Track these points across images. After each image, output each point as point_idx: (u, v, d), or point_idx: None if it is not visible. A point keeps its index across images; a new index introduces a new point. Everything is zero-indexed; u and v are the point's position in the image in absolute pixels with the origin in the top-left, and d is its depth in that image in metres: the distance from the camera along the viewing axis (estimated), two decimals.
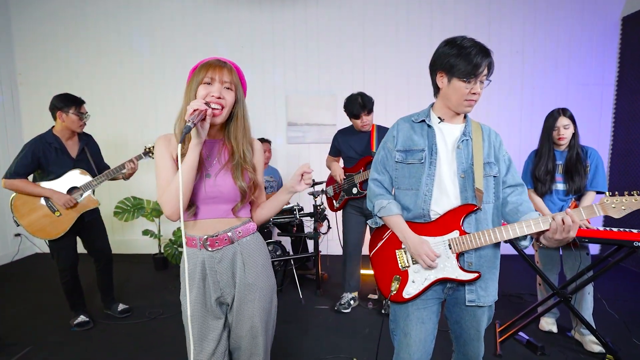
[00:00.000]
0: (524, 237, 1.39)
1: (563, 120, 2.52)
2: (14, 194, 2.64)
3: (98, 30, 4.69)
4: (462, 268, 1.43)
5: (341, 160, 3.31)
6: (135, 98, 4.75)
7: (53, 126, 2.75)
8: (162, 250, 4.24)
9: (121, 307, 3.07)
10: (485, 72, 1.38)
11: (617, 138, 4.51)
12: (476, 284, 1.45)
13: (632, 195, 1.33)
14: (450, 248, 1.43)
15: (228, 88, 1.32)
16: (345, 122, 3.40)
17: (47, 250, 4.78)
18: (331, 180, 3.30)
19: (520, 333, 2.60)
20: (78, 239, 2.87)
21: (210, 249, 1.35)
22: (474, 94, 1.39)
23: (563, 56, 4.54)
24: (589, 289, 2.50)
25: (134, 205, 4.21)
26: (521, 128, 4.56)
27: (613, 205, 1.32)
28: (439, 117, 1.50)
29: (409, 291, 1.47)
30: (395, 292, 1.48)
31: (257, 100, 4.74)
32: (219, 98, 1.29)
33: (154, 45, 4.69)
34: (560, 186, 2.57)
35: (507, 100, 4.60)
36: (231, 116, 1.37)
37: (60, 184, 2.67)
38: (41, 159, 2.63)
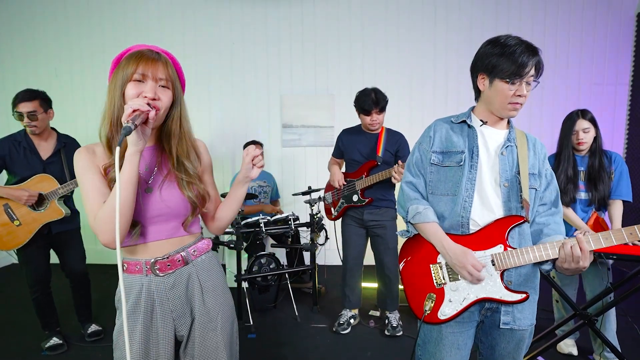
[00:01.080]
0: (545, 261, 1.29)
1: (583, 124, 2.34)
2: None
3: (82, 28, 4.50)
4: (507, 287, 1.30)
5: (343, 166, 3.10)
6: None
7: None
8: None
9: (92, 328, 2.84)
10: (533, 72, 1.28)
11: (632, 140, 4.34)
12: (513, 304, 1.31)
13: None
14: (494, 265, 1.30)
15: (164, 86, 1.12)
16: (344, 124, 3.23)
17: None
18: (330, 186, 3.10)
19: (539, 358, 2.41)
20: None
21: (160, 274, 1.16)
22: (519, 96, 1.29)
23: (574, 54, 4.39)
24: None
25: None
26: (530, 129, 4.37)
27: None
28: (481, 120, 1.41)
29: (445, 312, 1.34)
30: (429, 312, 1.35)
31: (250, 100, 4.57)
32: (154, 99, 1.08)
33: (138, 40, 4.42)
34: (582, 195, 2.39)
35: None
36: (167, 118, 1.16)
37: (24, 189, 2.46)
38: (6, 157, 2.47)
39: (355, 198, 2.86)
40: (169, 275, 1.18)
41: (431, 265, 1.39)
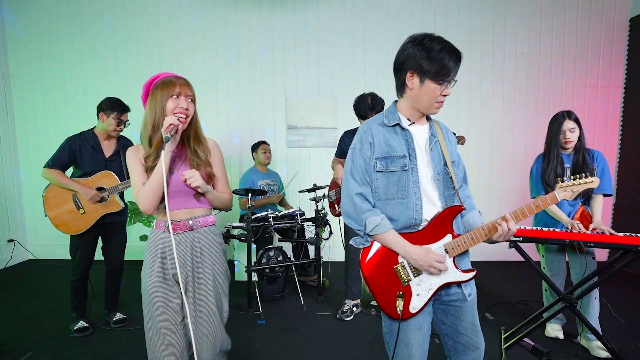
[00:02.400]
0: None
1: (569, 124, 2.62)
2: (45, 187, 2.88)
3: (93, 31, 4.80)
4: (460, 270, 1.50)
5: None
6: (130, 99, 4.76)
7: (95, 125, 2.99)
8: None
9: (117, 316, 3.15)
10: (456, 73, 1.43)
11: (626, 140, 4.61)
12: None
13: (582, 177, 1.54)
14: (447, 253, 1.48)
15: (191, 100, 1.65)
16: (346, 125, 3.51)
17: (40, 256, 4.94)
18: (334, 184, 3.38)
19: (526, 339, 2.67)
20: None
21: (172, 233, 1.61)
22: (444, 95, 1.43)
23: (569, 58, 4.67)
24: (595, 293, 2.59)
25: (132, 211, 4.31)
26: (527, 131, 4.66)
27: (565, 191, 1.49)
28: (408, 119, 1.51)
29: (415, 305, 1.48)
30: (401, 311, 1.46)
31: (256, 102, 4.86)
32: (186, 109, 1.60)
33: (149, 45, 4.80)
34: None
35: (512, 102, 4.71)
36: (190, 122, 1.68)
37: (90, 182, 2.88)
38: (76, 153, 2.87)
39: None
40: (177, 234, 1.65)
41: (395, 267, 1.48)
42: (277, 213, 3.55)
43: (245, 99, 4.88)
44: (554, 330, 2.85)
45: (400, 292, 1.47)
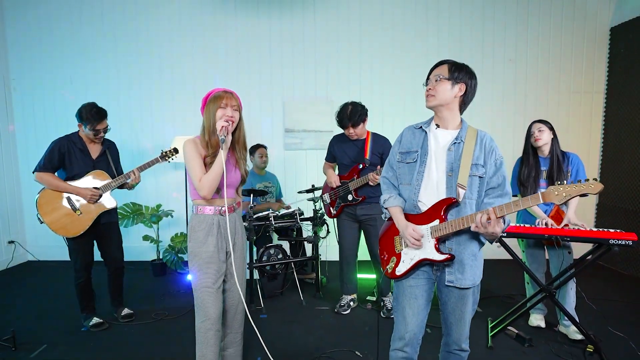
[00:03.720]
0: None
1: (537, 125, 2.99)
2: (37, 194, 2.97)
3: (93, 35, 5.01)
4: (438, 250, 1.77)
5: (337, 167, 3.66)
6: (130, 102, 5.06)
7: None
8: (161, 256, 4.57)
9: (125, 311, 3.36)
10: (436, 72, 1.83)
11: (607, 144, 4.98)
12: (454, 267, 1.80)
13: (576, 183, 1.59)
14: (432, 234, 1.79)
15: (236, 110, 2.09)
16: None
17: (41, 257, 5.15)
18: (327, 187, 3.64)
19: (510, 327, 2.99)
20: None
21: (223, 215, 2.12)
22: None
23: (554, 64, 5.03)
24: (571, 284, 2.90)
25: (134, 211, 4.52)
26: (514, 135, 4.97)
27: (556, 193, 1.60)
28: (436, 125, 1.88)
29: (400, 269, 1.88)
30: (390, 270, 1.92)
31: (254, 105, 5.09)
32: (231, 117, 2.05)
33: (149, 48, 5.02)
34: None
35: (500, 107, 5.05)
36: (235, 129, 2.13)
37: (82, 184, 3.02)
38: (65, 155, 2.99)
39: (350, 197, 3.41)
40: (228, 216, 2.13)
41: (395, 237, 1.94)
42: (277, 213, 3.82)
43: (243, 102, 4.97)
44: (537, 319, 3.17)
45: (394, 257, 1.93)
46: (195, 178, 2.05)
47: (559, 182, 1.61)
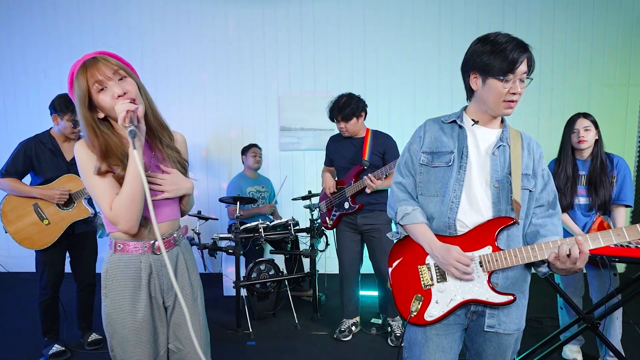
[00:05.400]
0: (542, 263, 1.38)
1: (583, 122, 2.57)
2: (2, 201, 2.74)
3: (69, 26, 4.74)
4: (494, 289, 1.40)
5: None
6: None
7: (52, 127, 2.82)
8: None
9: (93, 337, 3.04)
10: (524, 68, 1.37)
11: None
12: (498, 307, 1.43)
13: None
14: (482, 266, 1.41)
15: (121, 78, 1.32)
16: None
17: (11, 269, 4.82)
18: (324, 195, 3.30)
19: None
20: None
21: (157, 253, 1.43)
22: (514, 94, 1.38)
23: (584, 55, 4.65)
24: (617, 313, 2.51)
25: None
26: (539, 134, 4.60)
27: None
28: (472, 120, 1.51)
29: (432, 313, 1.45)
30: (415, 314, 1.46)
31: (246, 102, 4.81)
32: (125, 94, 1.30)
33: (131, 39, 4.74)
34: (582, 200, 2.59)
35: (522, 104, 4.62)
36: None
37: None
38: (33, 159, 2.72)
39: (346, 205, 3.06)
40: (167, 253, 1.38)
41: (419, 267, 1.50)
42: (268, 223, 3.47)
43: (235, 98, 4.82)
44: (572, 352, 2.78)
45: (419, 295, 1.47)
46: (104, 205, 1.32)
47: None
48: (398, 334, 3.04)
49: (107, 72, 1.29)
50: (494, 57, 1.35)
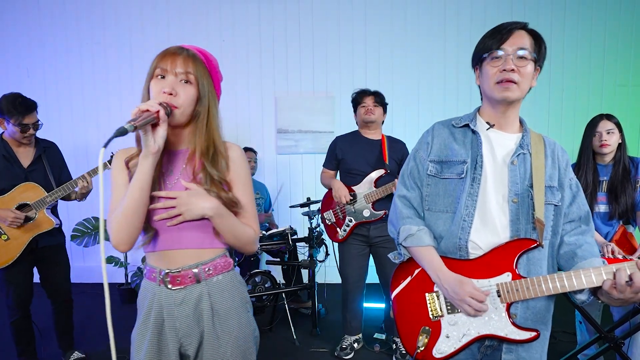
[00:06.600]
0: (581, 290, 1.20)
1: (606, 124, 2.46)
2: None
3: (53, 23, 4.63)
4: (514, 323, 1.24)
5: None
6: (97, 100, 4.68)
7: (3, 131, 2.63)
8: (130, 280, 4.14)
9: (76, 355, 2.89)
10: (520, 43, 1.24)
11: None
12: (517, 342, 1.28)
13: None
14: (500, 296, 1.25)
15: (185, 81, 1.20)
16: (345, 128, 3.33)
17: None
18: (328, 203, 3.10)
19: None
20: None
21: (170, 287, 1.23)
22: (505, 70, 1.24)
23: (596, 54, 4.58)
24: None
25: (96, 228, 4.11)
26: (549, 134, 4.47)
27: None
28: (487, 122, 1.36)
29: (442, 349, 1.30)
30: (422, 349, 1.31)
31: (241, 102, 4.71)
32: (170, 94, 1.17)
33: (119, 36, 4.64)
34: (602, 207, 2.48)
35: (531, 105, 4.56)
36: (194, 117, 1.25)
37: (8, 201, 2.52)
38: None
39: (367, 213, 2.86)
40: (178, 290, 1.24)
41: (427, 294, 1.35)
42: (264, 232, 3.34)
43: (229, 99, 4.69)
44: None
45: (427, 327, 1.33)
46: (109, 212, 1.24)
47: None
48: (403, 352, 2.90)
49: (178, 67, 1.19)
50: (486, 39, 1.30)
